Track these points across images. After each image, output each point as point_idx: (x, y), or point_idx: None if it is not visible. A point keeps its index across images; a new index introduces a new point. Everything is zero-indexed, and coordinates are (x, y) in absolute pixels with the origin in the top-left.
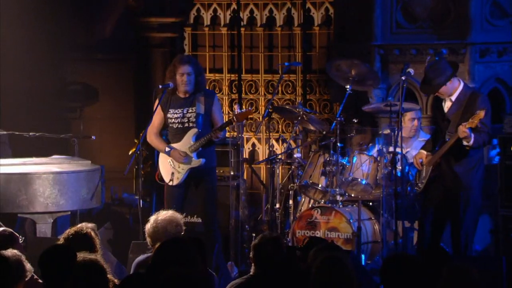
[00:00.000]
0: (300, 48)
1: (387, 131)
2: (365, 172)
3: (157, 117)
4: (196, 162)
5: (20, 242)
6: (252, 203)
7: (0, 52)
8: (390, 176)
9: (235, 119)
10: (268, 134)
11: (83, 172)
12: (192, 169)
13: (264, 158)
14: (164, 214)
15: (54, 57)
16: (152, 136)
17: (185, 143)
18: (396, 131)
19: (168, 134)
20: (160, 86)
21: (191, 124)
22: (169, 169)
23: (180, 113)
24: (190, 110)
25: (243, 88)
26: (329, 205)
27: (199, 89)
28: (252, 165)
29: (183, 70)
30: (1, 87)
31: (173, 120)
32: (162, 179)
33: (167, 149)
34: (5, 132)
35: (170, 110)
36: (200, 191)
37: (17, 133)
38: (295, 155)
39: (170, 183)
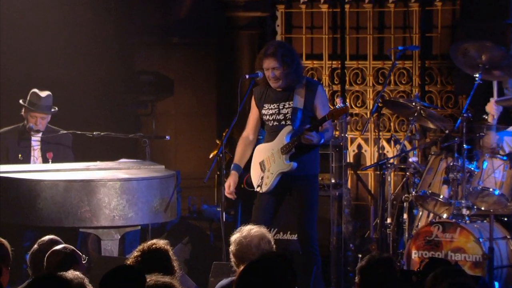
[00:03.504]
0: (417, 28)
1: None
2: (499, 180)
3: (252, 115)
4: (285, 166)
5: (83, 261)
6: (357, 217)
7: (62, 39)
8: None
9: (327, 117)
10: (377, 134)
11: (155, 179)
12: (283, 174)
13: (372, 163)
14: (251, 230)
15: (122, 42)
16: (240, 141)
17: (278, 143)
18: None
19: (265, 133)
20: (247, 76)
21: (287, 122)
22: (259, 173)
23: (275, 108)
24: (287, 105)
25: (347, 78)
26: (453, 220)
27: (296, 80)
28: (358, 171)
29: (266, 64)
30: (61, 79)
31: (267, 116)
32: (250, 185)
33: (232, 169)
34: (65, 132)
35: (264, 105)
36: (295, 203)
37: (78, 132)
38: (410, 159)
39: (258, 189)
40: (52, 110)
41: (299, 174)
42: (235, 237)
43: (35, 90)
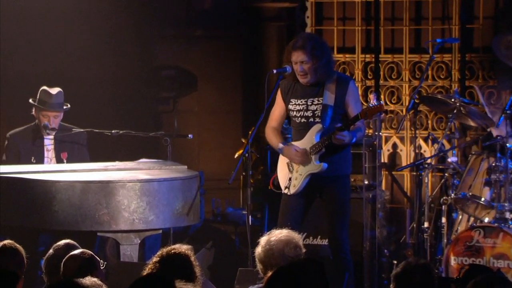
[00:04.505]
0: (457, 19)
1: None
2: None
3: (277, 108)
4: (315, 167)
5: (101, 267)
6: (392, 221)
7: (78, 33)
8: None
9: (360, 116)
10: (413, 132)
11: (177, 180)
12: (312, 175)
13: (408, 163)
14: (278, 234)
15: (142, 35)
16: (269, 130)
17: (307, 142)
18: None
19: (292, 130)
20: (275, 71)
21: (316, 119)
22: (287, 174)
23: (304, 104)
24: (316, 101)
25: (382, 72)
26: (495, 224)
27: (326, 75)
28: (393, 172)
29: (295, 57)
30: (77, 75)
31: (295, 113)
32: (278, 186)
33: (280, 145)
34: (82, 130)
35: (291, 100)
36: (326, 206)
37: (96, 130)
38: (449, 159)
39: (286, 191)
40: (64, 107)
41: (330, 175)
42: (262, 241)
43: (45, 87)
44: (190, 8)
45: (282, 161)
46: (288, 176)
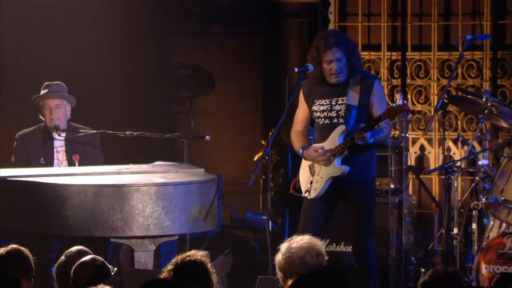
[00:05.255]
0: (489, 15)
1: None
2: None
3: (300, 111)
4: (336, 170)
5: (114, 275)
6: (420, 227)
7: (91, 30)
8: None
9: (383, 116)
10: (442, 134)
11: (194, 183)
12: (334, 178)
13: (437, 166)
14: (300, 241)
15: (157, 32)
16: (293, 134)
17: (330, 144)
18: None
19: (315, 133)
20: (296, 69)
21: (340, 120)
22: (308, 177)
23: (327, 104)
24: (340, 101)
25: (409, 71)
26: None
27: (352, 72)
28: (421, 176)
29: (330, 56)
30: (90, 74)
31: (318, 113)
32: (299, 190)
33: (301, 150)
34: (95, 131)
35: (315, 100)
36: (350, 211)
37: (109, 132)
38: (480, 162)
39: (307, 195)
40: (66, 95)
41: (353, 178)
42: (282, 248)
43: (46, 82)
44: (208, 4)
45: (305, 164)
46: (310, 179)
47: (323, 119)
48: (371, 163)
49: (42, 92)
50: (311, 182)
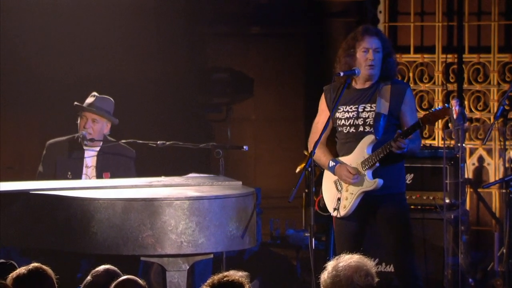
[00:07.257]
0: None
1: None
2: None
3: (321, 119)
4: (369, 184)
5: None
6: (478, 246)
7: (121, 32)
8: None
9: (422, 122)
10: (503, 143)
11: (231, 197)
12: (366, 193)
13: (497, 179)
14: (348, 259)
15: (191, 33)
16: (311, 144)
17: (358, 156)
18: None
19: (337, 142)
20: (342, 73)
21: (367, 128)
22: (335, 194)
23: (354, 111)
24: (368, 108)
25: (466, 75)
26: None
27: (386, 76)
28: (479, 189)
29: (368, 43)
30: (120, 79)
31: (342, 121)
32: (324, 208)
33: (332, 163)
34: (123, 141)
35: (340, 107)
36: (384, 229)
37: (140, 141)
38: None
39: (335, 214)
40: (108, 115)
41: (385, 193)
42: (328, 267)
43: (95, 92)
44: (246, 3)
45: (329, 179)
46: (337, 196)
47: (347, 127)
48: (401, 176)
49: (86, 101)
50: (338, 199)
